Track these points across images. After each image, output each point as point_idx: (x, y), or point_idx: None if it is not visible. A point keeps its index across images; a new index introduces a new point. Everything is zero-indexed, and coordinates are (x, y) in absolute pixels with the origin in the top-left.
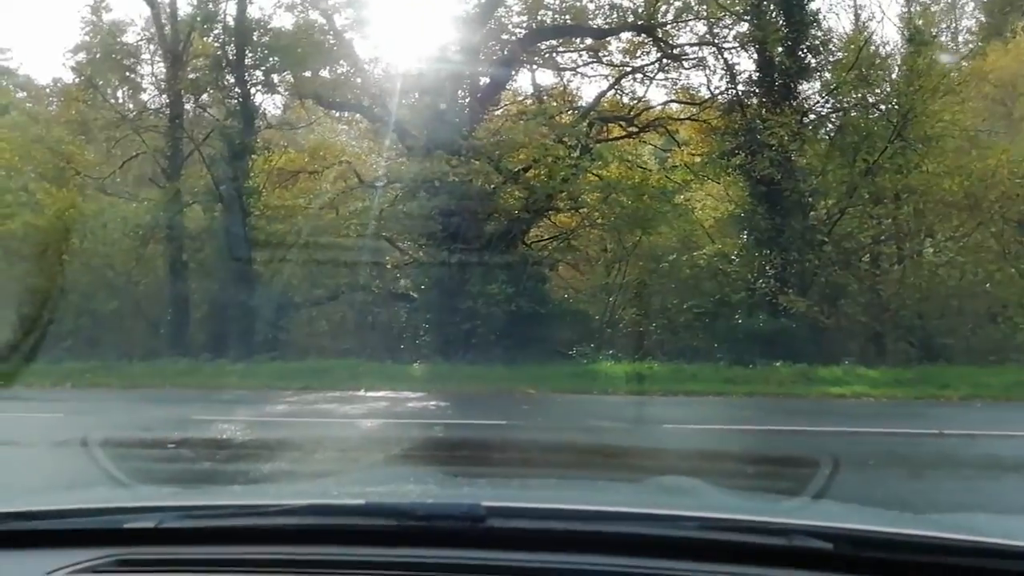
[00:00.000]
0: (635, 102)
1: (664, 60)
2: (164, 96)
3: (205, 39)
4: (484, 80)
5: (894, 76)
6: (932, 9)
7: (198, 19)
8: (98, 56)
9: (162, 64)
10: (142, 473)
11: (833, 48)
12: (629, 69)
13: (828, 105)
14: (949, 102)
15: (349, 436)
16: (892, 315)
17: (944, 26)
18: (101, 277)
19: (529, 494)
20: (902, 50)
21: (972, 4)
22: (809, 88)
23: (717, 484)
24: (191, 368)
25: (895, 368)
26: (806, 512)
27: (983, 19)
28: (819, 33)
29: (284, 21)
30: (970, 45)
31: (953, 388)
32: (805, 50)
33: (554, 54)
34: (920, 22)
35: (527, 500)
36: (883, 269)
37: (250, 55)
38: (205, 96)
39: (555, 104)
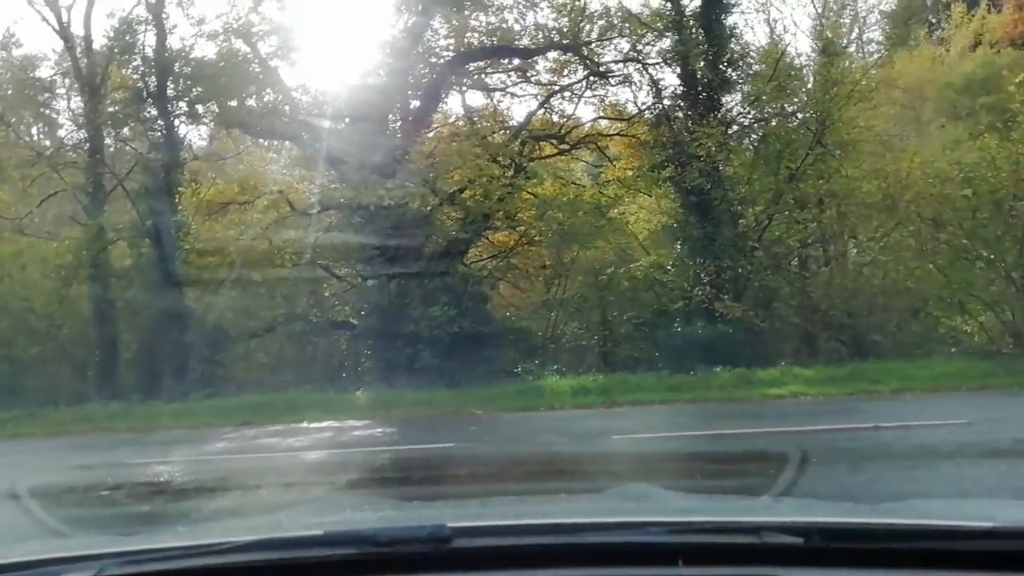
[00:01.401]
0: (565, 120)
1: (591, 78)
2: (82, 131)
3: (124, 71)
4: (415, 103)
5: (810, 86)
6: (840, 21)
7: (115, 51)
8: (10, 92)
9: (79, 98)
10: (75, 522)
11: (752, 61)
12: (557, 88)
13: (750, 116)
14: (862, 109)
15: (294, 469)
16: (822, 315)
17: (852, 37)
18: (21, 322)
19: (493, 511)
20: (815, 61)
21: (876, 15)
22: (731, 100)
23: (675, 489)
24: (122, 411)
25: (828, 366)
26: (772, 509)
27: (888, 29)
28: (737, 47)
29: (206, 50)
30: (876, 55)
31: (884, 383)
32: (725, 63)
33: (483, 75)
34: (829, 34)
35: (492, 518)
36: (811, 271)
37: (172, 86)
38: (126, 130)
39: (487, 125)
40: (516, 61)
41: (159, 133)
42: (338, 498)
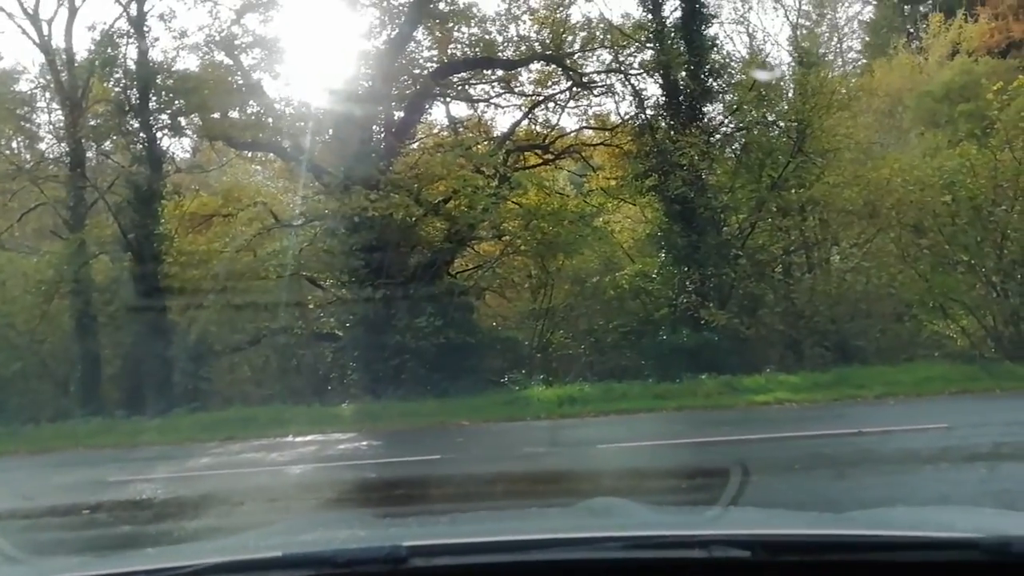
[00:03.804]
0: (549, 130)
1: (574, 88)
2: (63, 144)
3: (105, 84)
4: (398, 114)
5: (790, 95)
6: (816, 31)
7: (97, 64)
8: None
9: (60, 112)
10: (53, 544)
11: (732, 71)
12: (541, 98)
13: (732, 125)
14: (842, 117)
15: (278, 485)
16: (807, 322)
17: (833, 45)
18: (2, 338)
19: (454, 529)
20: (794, 71)
21: (854, 25)
22: (713, 109)
23: (647, 501)
24: (105, 427)
25: (813, 372)
26: (725, 521)
27: (866, 38)
28: (718, 57)
29: (188, 63)
30: (853, 64)
31: (868, 388)
32: (707, 73)
33: (467, 86)
34: (806, 44)
35: (450, 536)
36: (795, 278)
37: (154, 99)
38: (108, 143)
39: (471, 135)
40: (499, 72)
41: (141, 146)
42: (317, 515)
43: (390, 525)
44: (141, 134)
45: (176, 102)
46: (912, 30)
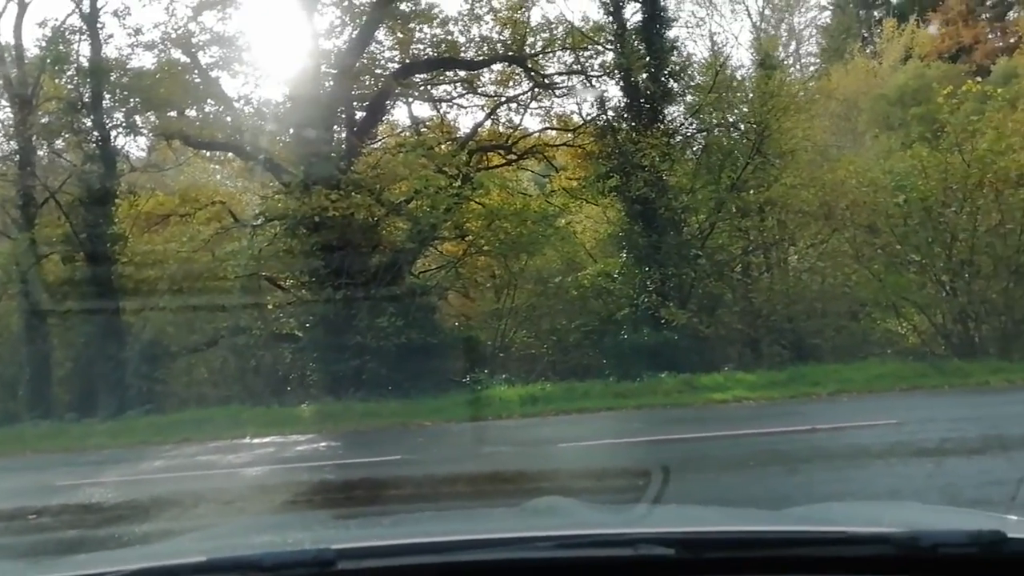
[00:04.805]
0: (512, 131)
1: (536, 89)
2: (12, 142)
3: (57, 81)
4: (360, 114)
5: (750, 97)
6: (776, 35)
7: (48, 61)
8: None
9: (9, 109)
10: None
11: (693, 73)
12: (503, 99)
13: (693, 126)
14: (800, 120)
15: (234, 487)
16: (765, 320)
17: (791, 49)
18: None
19: (388, 531)
20: (754, 73)
21: (812, 30)
22: (674, 111)
23: (600, 499)
24: (55, 431)
25: (770, 371)
26: (653, 519)
27: (823, 43)
28: (679, 59)
29: (144, 60)
30: (812, 68)
31: (822, 385)
32: (667, 76)
33: (429, 86)
34: (766, 48)
35: (378, 538)
36: (753, 278)
37: (108, 96)
38: (60, 141)
39: (433, 135)
40: (462, 73)
41: (94, 144)
42: (261, 518)
43: (330, 527)
44: (94, 132)
45: (131, 100)
46: (867, 35)
